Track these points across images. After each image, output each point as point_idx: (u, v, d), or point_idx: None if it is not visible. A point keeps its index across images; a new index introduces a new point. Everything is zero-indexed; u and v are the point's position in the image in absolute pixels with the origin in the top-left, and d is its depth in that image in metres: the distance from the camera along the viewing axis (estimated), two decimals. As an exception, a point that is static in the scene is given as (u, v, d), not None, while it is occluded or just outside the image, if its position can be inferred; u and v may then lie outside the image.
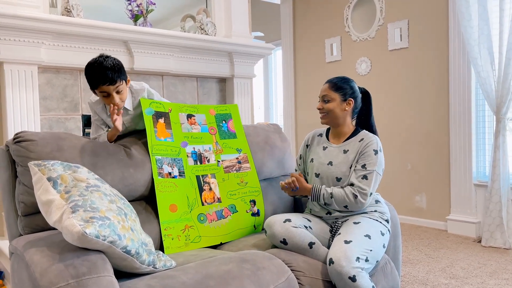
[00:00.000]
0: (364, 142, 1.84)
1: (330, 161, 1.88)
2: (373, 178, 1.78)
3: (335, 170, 1.85)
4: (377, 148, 1.82)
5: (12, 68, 2.43)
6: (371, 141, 1.83)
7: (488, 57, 3.21)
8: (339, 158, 1.86)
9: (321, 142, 1.98)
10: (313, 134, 2.05)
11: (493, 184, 3.19)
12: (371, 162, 1.79)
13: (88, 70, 1.70)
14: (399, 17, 3.95)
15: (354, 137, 1.89)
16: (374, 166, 1.79)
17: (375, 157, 1.80)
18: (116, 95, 1.73)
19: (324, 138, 1.98)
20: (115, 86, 1.71)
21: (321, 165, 1.90)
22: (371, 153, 1.80)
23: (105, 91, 1.72)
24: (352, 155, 1.84)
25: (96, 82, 1.69)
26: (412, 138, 3.90)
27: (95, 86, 1.71)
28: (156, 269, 1.43)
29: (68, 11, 2.63)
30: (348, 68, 4.41)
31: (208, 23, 3.28)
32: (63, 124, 2.71)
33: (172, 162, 1.90)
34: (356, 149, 1.85)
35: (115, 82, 1.70)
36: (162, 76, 3.15)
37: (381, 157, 1.82)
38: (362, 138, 1.87)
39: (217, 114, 2.15)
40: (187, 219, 1.86)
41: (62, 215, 1.23)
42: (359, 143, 1.85)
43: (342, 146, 1.89)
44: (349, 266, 1.53)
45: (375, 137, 1.85)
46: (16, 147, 1.55)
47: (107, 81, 1.68)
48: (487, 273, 2.62)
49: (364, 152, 1.82)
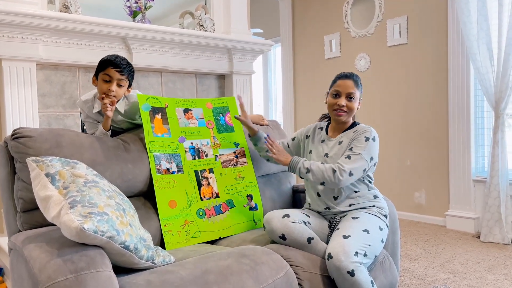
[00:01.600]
0: (358, 132, 1.85)
1: (326, 153, 1.90)
2: (357, 159, 1.76)
3: (330, 161, 1.86)
4: (369, 136, 1.81)
5: (10, 65, 2.43)
6: (365, 130, 1.84)
7: (487, 53, 3.21)
8: (335, 149, 1.88)
9: (321, 136, 1.98)
10: (314, 126, 2.05)
11: (492, 180, 3.20)
12: (359, 146, 1.79)
13: (107, 56, 1.83)
14: (398, 13, 3.94)
15: (350, 129, 1.90)
16: (361, 150, 1.78)
17: (365, 143, 1.80)
18: (115, 85, 1.80)
19: (323, 132, 1.99)
20: (121, 77, 1.81)
21: (319, 158, 1.92)
22: (361, 139, 1.81)
23: (110, 76, 1.80)
24: (345, 144, 1.86)
25: (109, 63, 1.79)
26: (411, 134, 3.90)
27: (105, 67, 1.79)
28: (155, 265, 1.44)
29: (66, 8, 2.62)
30: (347, 65, 4.41)
31: (207, 19, 3.28)
32: (62, 121, 2.71)
33: (170, 158, 1.90)
34: (349, 138, 1.86)
35: (123, 73, 1.81)
36: (161, 72, 3.15)
37: (372, 145, 1.81)
38: (357, 129, 1.87)
39: (214, 107, 2.14)
40: (187, 214, 1.87)
41: (60, 211, 1.24)
42: (354, 134, 1.86)
43: (338, 138, 1.91)
44: (348, 260, 1.54)
45: (371, 128, 1.86)
46: (15, 143, 1.55)
47: (117, 66, 1.79)
48: (486, 268, 2.63)
49: (356, 138, 1.83)
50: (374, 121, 4.17)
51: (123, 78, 1.81)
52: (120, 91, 1.83)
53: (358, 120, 1.99)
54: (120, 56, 1.84)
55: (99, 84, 1.82)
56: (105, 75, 1.79)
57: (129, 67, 1.84)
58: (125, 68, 1.81)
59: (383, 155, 4.09)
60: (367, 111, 4.20)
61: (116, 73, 1.79)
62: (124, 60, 1.83)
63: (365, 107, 4.20)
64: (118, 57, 1.83)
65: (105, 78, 1.79)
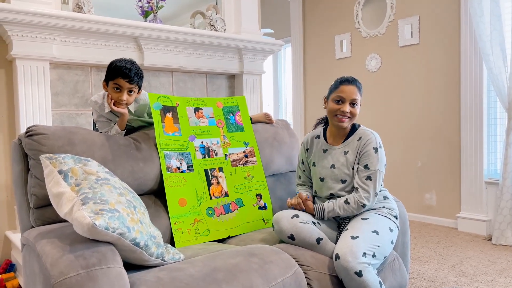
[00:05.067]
0: (362, 141, 1.82)
1: (333, 164, 1.87)
2: (377, 177, 1.77)
3: (338, 173, 1.84)
4: (376, 146, 1.80)
5: (24, 64, 2.47)
6: (369, 139, 1.81)
7: (500, 54, 3.17)
8: (341, 160, 1.85)
9: (320, 145, 1.95)
10: (310, 137, 2.01)
11: (504, 182, 3.16)
12: (372, 162, 1.78)
13: (115, 62, 1.81)
14: (409, 13, 3.92)
15: (352, 136, 1.87)
16: (377, 165, 1.77)
17: (375, 155, 1.78)
18: (126, 94, 1.82)
19: (322, 140, 1.95)
20: (130, 86, 1.81)
21: (324, 169, 1.89)
22: (371, 152, 1.79)
23: (120, 85, 1.80)
24: (352, 155, 1.83)
25: (118, 73, 1.79)
26: (422, 135, 3.87)
27: (114, 76, 1.79)
28: (164, 262, 1.45)
29: (79, 8, 2.65)
30: (358, 65, 4.39)
31: (218, 19, 3.29)
32: (74, 120, 2.74)
33: (180, 156, 1.92)
34: (355, 148, 1.83)
35: (133, 82, 1.81)
36: (171, 72, 3.17)
37: (382, 153, 1.80)
38: (360, 136, 1.84)
39: (225, 106, 2.15)
40: (196, 213, 1.88)
41: (72, 207, 1.26)
42: (358, 142, 1.83)
43: (342, 147, 1.87)
44: (355, 261, 1.53)
45: (373, 134, 1.83)
46: (28, 140, 1.58)
47: (127, 77, 1.79)
48: (497, 271, 2.60)
49: (364, 151, 1.80)
50: (384, 122, 4.14)
51: (132, 87, 1.82)
52: (131, 98, 1.86)
53: (364, 121, 1.97)
54: (128, 62, 1.82)
55: (109, 91, 1.84)
56: (115, 84, 1.80)
57: (138, 75, 1.82)
58: (134, 77, 1.80)
59: (393, 156, 4.06)
60: (377, 112, 4.18)
61: (126, 83, 1.80)
62: (133, 67, 1.80)
63: (375, 108, 4.18)
64: (127, 64, 1.80)
65: (115, 86, 1.81)
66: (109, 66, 1.82)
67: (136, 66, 1.84)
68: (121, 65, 1.79)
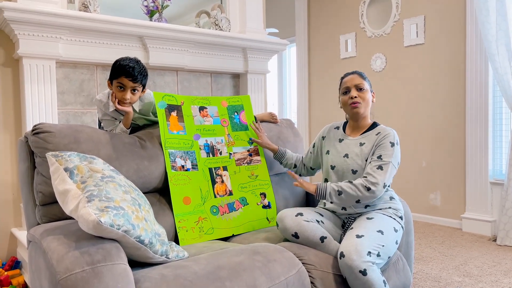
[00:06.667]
0: (381, 135, 1.83)
1: (346, 153, 1.88)
2: (388, 169, 1.75)
3: (351, 163, 1.84)
4: (393, 141, 1.80)
5: (30, 62, 2.49)
6: (388, 133, 1.82)
7: (506, 53, 3.15)
8: (355, 150, 1.85)
9: (338, 135, 1.97)
10: (330, 127, 2.04)
11: (509, 183, 3.14)
12: (387, 154, 1.77)
13: (119, 61, 1.81)
14: (415, 13, 3.91)
15: (371, 131, 1.88)
16: (390, 158, 1.76)
17: (391, 149, 1.78)
18: (129, 93, 1.82)
19: (341, 131, 1.98)
20: (134, 85, 1.82)
21: (337, 158, 1.89)
22: (387, 145, 1.79)
23: (123, 84, 1.81)
24: (368, 148, 1.83)
25: (122, 72, 1.79)
26: (427, 135, 3.86)
27: (118, 75, 1.80)
28: (169, 259, 1.46)
29: (85, 7, 2.67)
30: (363, 65, 4.38)
31: (223, 19, 3.30)
32: (80, 118, 2.76)
33: (185, 155, 1.93)
34: (372, 141, 1.83)
35: (137, 81, 1.81)
36: (176, 71, 3.18)
37: (397, 150, 1.80)
38: (379, 131, 1.85)
39: (229, 105, 2.16)
40: (201, 211, 1.89)
41: (78, 204, 1.27)
42: (376, 136, 1.84)
43: (359, 139, 1.88)
44: (360, 260, 1.53)
45: (393, 130, 1.84)
46: (35, 138, 1.59)
47: (131, 76, 1.79)
48: (502, 272, 2.59)
49: (381, 144, 1.80)
50: (389, 122, 4.13)
51: (136, 85, 1.83)
52: (135, 97, 1.86)
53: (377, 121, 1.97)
54: (132, 61, 1.82)
55: (114, 90, 1.85)
56: (119, 83, 1.81)
57: (141, 73, 1.82)
58: (138, 76, 1.80)
59: (398, 156, 4.05)
60: (382, 112, 4.17)
61: (129, 82, 1.80)
62: (137, 66, 1.81)
63: (380, 107, 4.17)
64: (131, 63, 1.80)
65: (119, 85, 1.82)
66: (113, 65, 1.83)
67: (140, 64, 1.84)
68: (125, 63, 1.79)
